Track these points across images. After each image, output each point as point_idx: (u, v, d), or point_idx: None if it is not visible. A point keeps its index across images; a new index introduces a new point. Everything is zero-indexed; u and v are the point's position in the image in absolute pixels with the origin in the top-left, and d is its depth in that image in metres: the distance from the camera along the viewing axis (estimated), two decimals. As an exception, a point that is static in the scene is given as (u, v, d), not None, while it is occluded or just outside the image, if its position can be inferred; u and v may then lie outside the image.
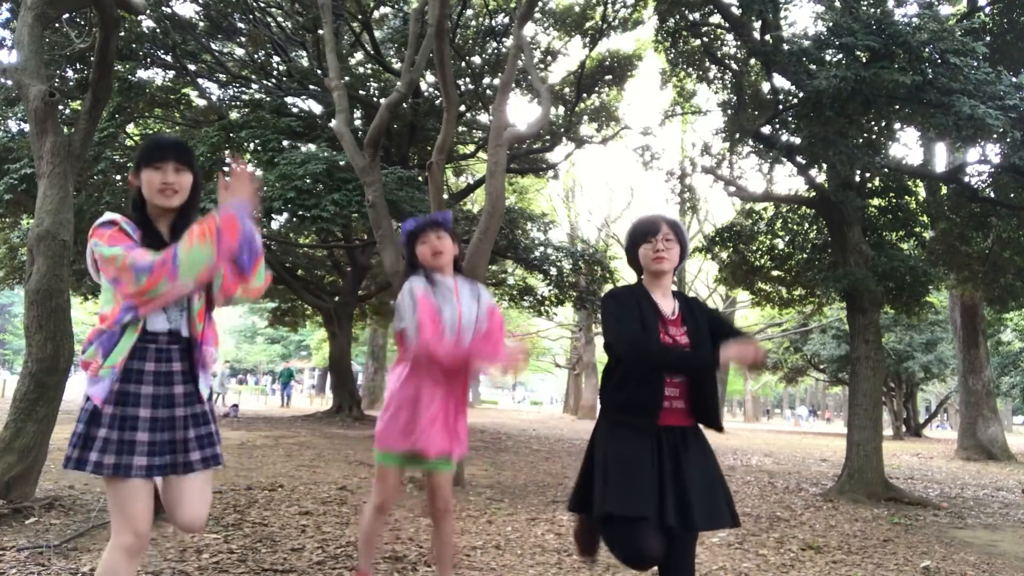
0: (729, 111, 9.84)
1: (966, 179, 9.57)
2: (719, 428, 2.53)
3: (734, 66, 10.21)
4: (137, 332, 2.16)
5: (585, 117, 16.47)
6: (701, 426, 2.54)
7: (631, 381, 2.43)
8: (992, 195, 9.47)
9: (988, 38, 9.38)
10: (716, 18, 9.92)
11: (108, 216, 2.20)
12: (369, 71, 15.61)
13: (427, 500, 2.99)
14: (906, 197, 9.99)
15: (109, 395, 2.12)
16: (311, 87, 14.56)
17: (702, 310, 2.62)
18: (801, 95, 7.84)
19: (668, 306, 2.54)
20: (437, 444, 2.75)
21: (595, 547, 2.67)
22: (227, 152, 12.48)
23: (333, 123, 9.90)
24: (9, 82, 10.41)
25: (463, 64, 14.48)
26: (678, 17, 9.87)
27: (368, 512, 2.96)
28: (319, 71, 13.62)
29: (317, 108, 15.10)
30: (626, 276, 24.75)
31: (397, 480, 2.91)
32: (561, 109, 15.79)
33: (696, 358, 2.45)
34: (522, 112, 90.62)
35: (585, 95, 15.89)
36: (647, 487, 2.30)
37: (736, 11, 8.88)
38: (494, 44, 14.86)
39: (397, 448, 2.79)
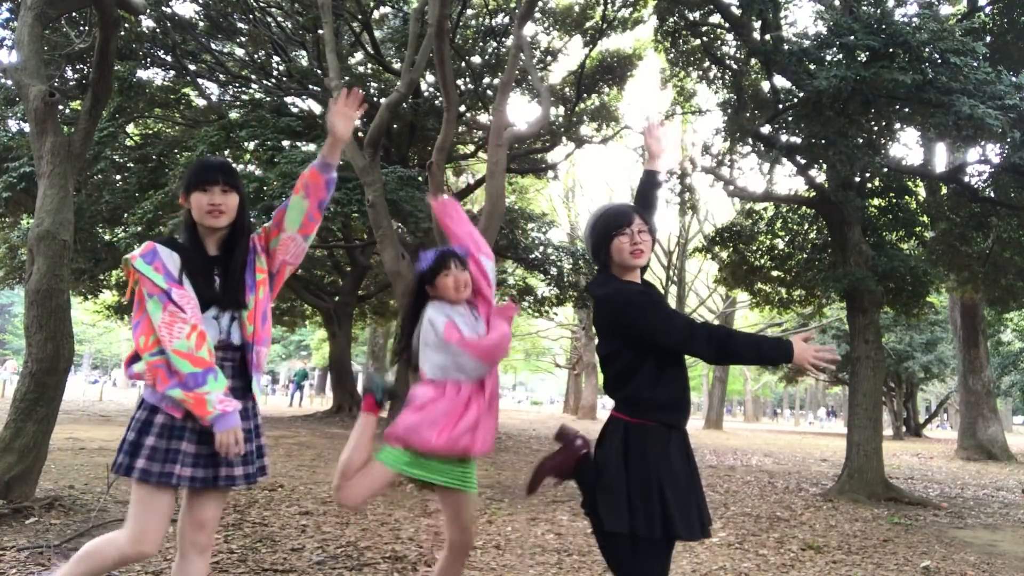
0: (729, 111, 9.84)
1: (966, 179, 9.57)
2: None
3: (734, 66, 10.21)
4: None
5: (585, 117, 16.45)
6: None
7: (664, 376, 2.29)
8: (992, 195, 9.47)
9: (988, 38, 9.39)
10: (716, 18, 9.91)
11: (145, 260, 2.21)
12: (369, 71, 15.60)
13: (447, 527, 2.69)
14: (906, 197, 9.98)
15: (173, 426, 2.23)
16: (311, 87, 14.56)
17: None
18: (801, 95, 7.84)
19: None
20: (472, 443, 2.59)
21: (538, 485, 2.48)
22: (227, 152, 12.48)
23: (333, 123, 9.90)
24: (9, 82, 10.41)
25: (463, 64, 14.48)
26: (678, 17, 9.87)
27: (355, 482, 2.63)
28: (319, 71, 13.62)
29: (317, 108, 15.10)
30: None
31: (387, 484, 2.69)
32: (561, 109, 15.78)
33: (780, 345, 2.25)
34: (522, 112, 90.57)
35: (585, 95, 15.88)
36: (695, 505, 2.27)
37: (736, 11, 8.87)
38: (494, 44, 14.85)
39: (435, 445, 2.56)
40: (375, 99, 14.30)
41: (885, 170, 9.18)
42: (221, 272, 2.32)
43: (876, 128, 8.54)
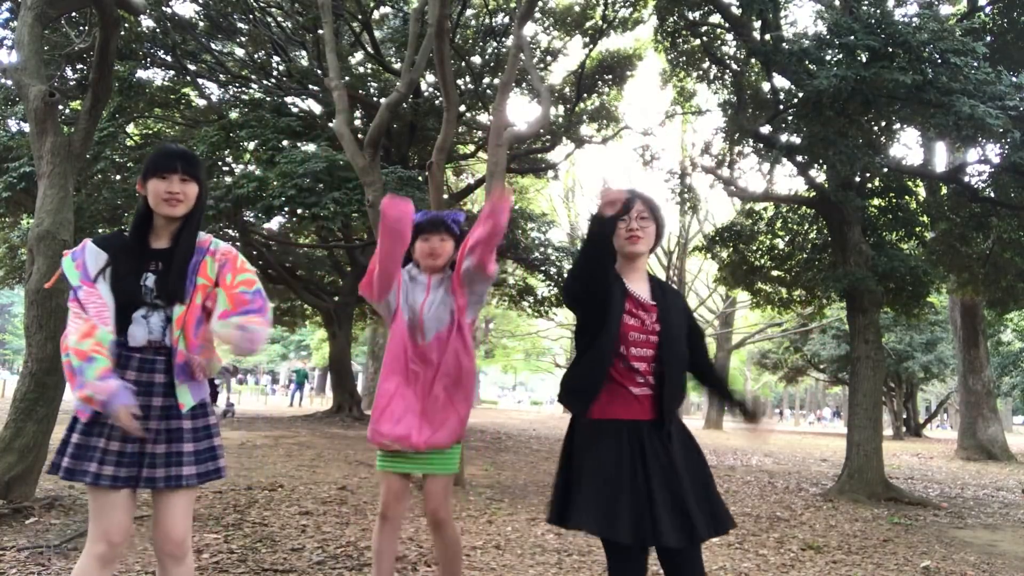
0: (729, 111, 9.84)
1: (966, 179, 9.56)
2: (665, 420, 2.30)
3: (734, 66, 10.21)
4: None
5: (585, 117, 16.45)
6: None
7: (579, 362, 2.32)
8: (992, 195, 9.46)
9: (988, 38, 9.38)
10: (716, 18, 9.91)
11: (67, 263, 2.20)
12: (369, 71, 15.60)
13: (424, 507, 2.85)
14: (906, 197, 9.98)
15: (92, 421, 2.17)
16: (311, 87, 14.56)
17: (678, 302, 2.48)
18: (801, 95, 7.83)
19: (642, 290, 2.40)
20: (406, 433, 2.63)
21: None
22: (227, 152, 12.49)
23: (333, 123, 9.90)
24: (9, 82, 10.41)
25: (463, 64, 14.48)
26: (677, 16, 9.88)
27: (376, 523, 2.81)
28: (319, 71, 13.62)
29: (317, 108, 15.10)
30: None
31: (399, 486, 2.74)
32: (561, 109, 15.79)
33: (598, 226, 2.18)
34: (522, 112, 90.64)
35: (585, 95, 15.88)
36: (626, 505, 2.16)
37: (736, 11, 8.88)
38: (494, 44, 14.86)
39: (377, 441, 2.70)
40: (375, 99, 14.31)
41: (885, 170, 9.17)
42: (164, 265, 2.23)
43: (876, 128, 8.54)
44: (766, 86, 9.62)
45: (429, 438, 2.66)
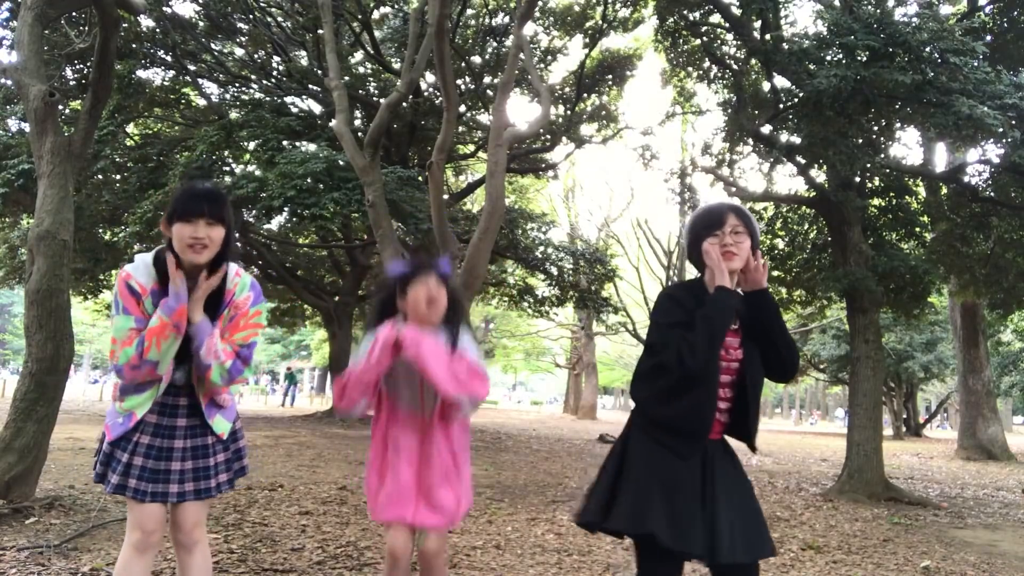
0: (729, 111, 9.84)
1: (966, 179, 9.56)
2: (752, 446, 2.28)
3: (734, 66, 10.21)
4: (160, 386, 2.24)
5: (585, 117, 16.46)
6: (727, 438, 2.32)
7: (683, 395, 2.13)
8: (992, 195, 9.46)
9: (988, 38, 9.38)
10: (716, 18, 9.92)
11: (125, 269, 2.23)
12: (369, 71, 15.62)
13: (419, 552, 2.60)
14: (906, 197, 9.97)
15: (118, 439, 2.23)
16: (311, 87, 14.57)
17: (768, 308, 2.23)
18: (801, 95, 7.84)
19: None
20: (402, 513, 2.43)
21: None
22: (227, 152, 12.50)
23: (333, 123, 9.90)
24: (9, 82, 10.41)
25: (463, 64, 14.49)
26: (677, 17, 9.88)
27: (385, 566, 2.60)
28: (319, 71, 13.63)
29: (317, 108, 15.10)
30: (626, 274, 24.69)
31: (406, 533, 2.52)
32: (561, 109, 15.80)
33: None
34: (522, 112, 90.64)
35: (585, 95, 15.89)
36: (695, 520, 2.08)
37: (736, 11, 8.88)
38: (494, 44, 14.87)
39: (377, 518, 2.52)
40: (375, 99, 14.32)
41: (885, 170, 9.18)
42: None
43: (876, 128, 8.53)
44: (766, 86, 9.61)
45: (438, 520, 2.47)
